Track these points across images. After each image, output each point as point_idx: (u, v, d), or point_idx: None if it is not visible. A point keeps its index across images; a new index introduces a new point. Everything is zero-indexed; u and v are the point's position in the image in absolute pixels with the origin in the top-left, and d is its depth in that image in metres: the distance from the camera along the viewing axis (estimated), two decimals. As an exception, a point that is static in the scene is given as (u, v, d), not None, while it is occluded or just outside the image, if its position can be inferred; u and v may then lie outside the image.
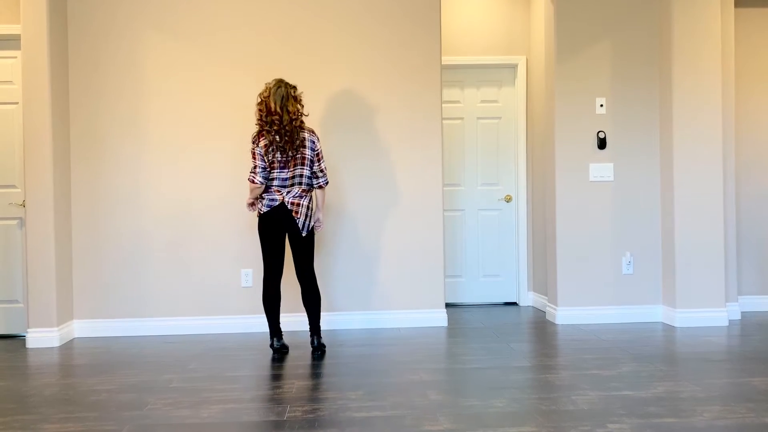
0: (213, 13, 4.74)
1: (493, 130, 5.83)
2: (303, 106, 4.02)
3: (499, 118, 5.84)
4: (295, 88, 4.01)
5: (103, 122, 4.70)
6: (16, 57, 4.70)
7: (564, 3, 4.87)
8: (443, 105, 5.43)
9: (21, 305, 4.72)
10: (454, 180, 5.81)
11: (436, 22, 4.83)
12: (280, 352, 4.03)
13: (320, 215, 4.15)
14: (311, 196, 4.09)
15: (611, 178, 4.89)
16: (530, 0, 5.73)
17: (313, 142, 4.00)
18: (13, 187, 4.73)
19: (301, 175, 3.98)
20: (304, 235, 4.02)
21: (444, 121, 5.60)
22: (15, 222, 4.73)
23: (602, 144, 4.87)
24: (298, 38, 4.78)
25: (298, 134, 3.93)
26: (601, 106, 4.88)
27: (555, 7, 4.89)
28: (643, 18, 4.89)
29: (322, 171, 4.05)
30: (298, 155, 3.95)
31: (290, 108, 3.90)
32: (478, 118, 5.83)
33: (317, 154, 4.02)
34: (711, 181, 4.71)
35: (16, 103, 4.71)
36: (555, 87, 4.89)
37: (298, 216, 3.98)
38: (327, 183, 4.11)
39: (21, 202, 4.68)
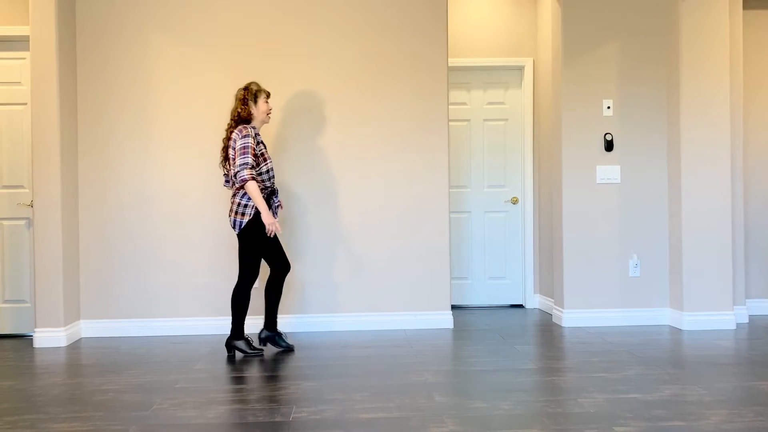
0: (220, 18, 4.75)
1: (499, 132, 5.83)
2: (244, 105, 3.99)
3: (506, 120, 5.83)
4: (243, 89, 4.03)
5: (110, 123, 4.72)
6: (24, 58, 4.73)
7: (571, 5, 4.86)
8: (449, 107, 5.43)
9: (29, 305, 4.75)
10: (460, 182, 5.80)
11: (443, 23, 4.83)
12: (234, 351, 4.10)
13: (244, 217, 3.91)
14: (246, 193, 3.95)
15: (618, 180, 4.88)
16: (537, 1, 5.73)
17: (234, 140, 3.91)
18: (21, 187, 4.75)
19: (234, 174, 3.92)
20: (236, 232, 3.99)
21: (450, 123, 5.59)
22: (23, 222, 4.75)
23: (609, 146, 4.86)
24: (304, 47, 4.78)
25: (230, 135, 3.98)
26: (608, 108, 4.87)
27: (562, 9, 4.88)
28: (650, 20, 4.88)
29: (235, 169, 3.88)
30: (229, 154, 3.98)
31: (232, 110, 4.07)
32: (485, 120, 5.83)
33: (235, 151, 3.89)
34: (719, 184, 4.69)
35: (25, 103, 4.74)
36: (562, 89, 4.88)
37: (230, 214, 4.01)
38: (243, 180, 3.82)
39: (29, 203, 4.71)
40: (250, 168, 3.85)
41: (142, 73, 4.73)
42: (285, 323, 4.76)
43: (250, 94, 4.02)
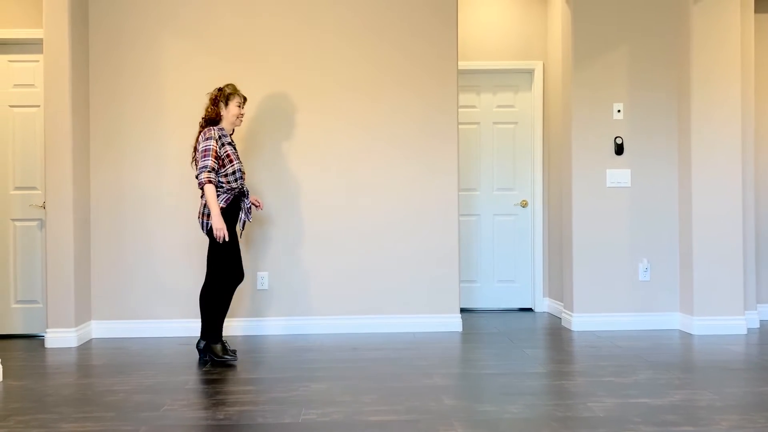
0: (230, 25, 4.78)
1: (509, 135, 5.83)
2: (214, 105, 3.96)
3: (516, 123, 5.83)
4: (217, 89, 4.00)
5: (122, 125, 4.75)
6: (38, 61, 4.77)
7: (581, 8, 4.86)
8: (459, 109, 5.43)
9: (40, 305, 4.79)
10: (469, 185, 5.80)
11: (453, 31, 4.84)
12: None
13: (211, 220, 3.85)
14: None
15: (628, 184, 4.86)
16: (547, 5, 5.73)
17: (198, 141, 3.90)
18: (34, 188, 4.79)
19: (195, 177, 3.90)
20: (204, 233, 3.97)
21: (460, 126, 5.60)
22: (35, 223, 4.79)
23: (619, 150, 4.85)
24: (315, 55, 4.81)
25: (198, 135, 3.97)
26: (619, 111, 4.86)
27: (572, 13, 4.88)
28: (661, 23, 4.86)
29: (196, 172, 3.86)
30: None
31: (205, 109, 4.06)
32: (494, 123, 5.83)
33: (197, 151, 3.88)
34: (729, 187, 4.67)
35: (38, 106, 4.79)
36: (572, 92, 4.87)
37: (198, 215, 3.98)
38: (201, 183, 3.80)
39: (41, 204, 4.75)
40: (209, 171, 3.80)
41: (154, 75, 4.76)
42: (294, 325, 4.78)
43: (222, 96, 3.98)
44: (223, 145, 3.90)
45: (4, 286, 4.76)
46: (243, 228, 4.06)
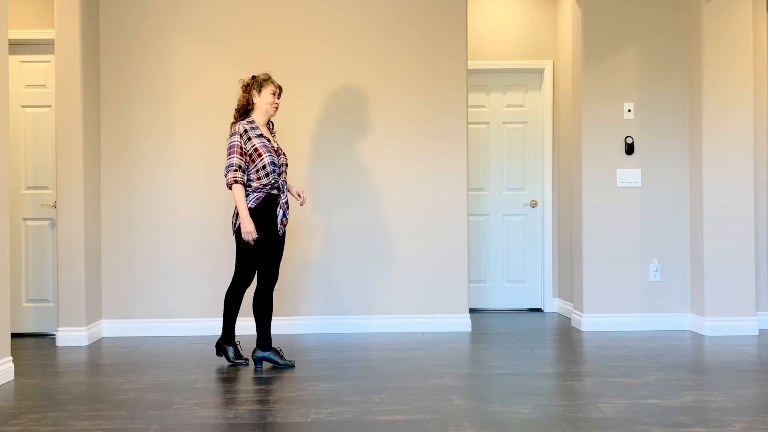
0: (241, 29, 4.79)
1: (519, 135, 5.81)
2: (246, 92, 3.79)
3: (525, 122, 5.81)
4: (250, 77, 3.83)
5: (132, 125, 4.77)
6: (49, 61, 4.80)
7: (592, 7, 4.83)
8: (468, 109, 5.42)
9: (51, 304, 4.82)
10: (479, 184, 5.79)
11: (463, 27, 4.83)
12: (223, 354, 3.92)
13: (238, 219, 3.69)
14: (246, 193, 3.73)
15: (639, 184, 4.84)
16: (557, 4, 5.71)
17: (227, 140, 3.76)
18: (45, 188, 4.83)
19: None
20: (233, 232, 3.81)
21: (469, 126, 5.59)
22: (47, 223, 4.83)
23: (630, 149, 4.82)
24: (321, 48, 4.81)
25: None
26: (629, 111, 4.83)
27: (583, 12, 4.86)
28: (672, 23, 4.83)
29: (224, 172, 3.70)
30: None
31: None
32: (504, 123, 5.81)
33: (226, 149, 3.78)
34: (741, 187, 4.64)
35: (49, 106, 4.82)
36: (582, 92, 4.85)
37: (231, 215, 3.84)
38: (228, 183, 3.64)
39: (53, 203, 4.78)
40: (234, 170, 3.63)
41: (165, 76, 4.78)
42: (303, 325, 4.79)
43: (255, 83, 3.79)
44: (249, 139, 3.68)
45: (15, 285, 4.80)
46: (283, 227, 3.78)
